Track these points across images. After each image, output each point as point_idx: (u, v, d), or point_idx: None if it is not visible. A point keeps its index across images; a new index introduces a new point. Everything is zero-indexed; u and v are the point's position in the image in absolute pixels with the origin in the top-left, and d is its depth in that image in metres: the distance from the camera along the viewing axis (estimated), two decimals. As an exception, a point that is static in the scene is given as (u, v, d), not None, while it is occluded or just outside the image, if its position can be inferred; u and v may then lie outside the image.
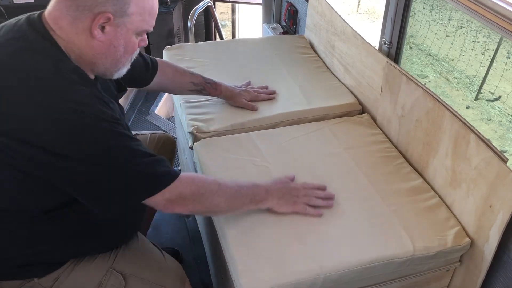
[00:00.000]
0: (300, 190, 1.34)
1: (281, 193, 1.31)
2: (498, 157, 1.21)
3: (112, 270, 1.28)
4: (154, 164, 1.12)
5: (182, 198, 1.16)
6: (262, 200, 1.28)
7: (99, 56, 1.11)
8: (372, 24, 6.90)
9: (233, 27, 4.35)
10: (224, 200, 1.23)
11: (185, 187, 1.16)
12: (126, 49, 1.14)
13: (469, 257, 1.35)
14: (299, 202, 1.32)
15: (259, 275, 1.18)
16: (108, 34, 1.08)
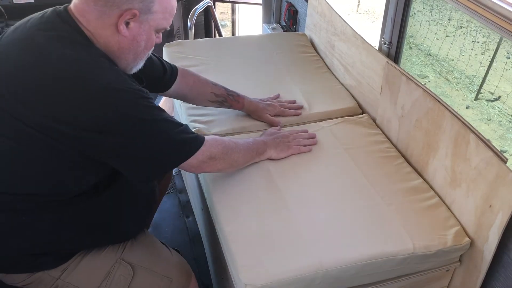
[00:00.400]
0: (289, 136, 1.55)
1: (276, 143, 1.51)
2: (498, 157, 1.21)
3: (121, 260, 1.30)
4: (185, 132, 1.22)
5: (212, 158, 1.28)
6: (263, 152, 1.47)
7: (122, 50, 1.17)
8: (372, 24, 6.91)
9: (233, 27, 4.34)
10: (242, 155, 1.39)
11: (214, 147, 1.28)
12: (146, 44, 1.20)
13: (469, 257, 1.35)
14: (292, 146, 1.53)
15: (259, 271, 1.18)
16: (132, 29, 1.15)
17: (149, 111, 1.14)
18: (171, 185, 2.40)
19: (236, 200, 1.40)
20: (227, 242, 1.27)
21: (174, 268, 1.39)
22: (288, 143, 1.52)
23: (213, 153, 1.28)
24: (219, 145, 1.30)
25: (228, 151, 1.34)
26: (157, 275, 1.34)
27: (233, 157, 1.36)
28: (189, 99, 1.71)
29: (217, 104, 1.70)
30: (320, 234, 1.29)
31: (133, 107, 1.10)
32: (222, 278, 1.53)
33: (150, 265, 1.34)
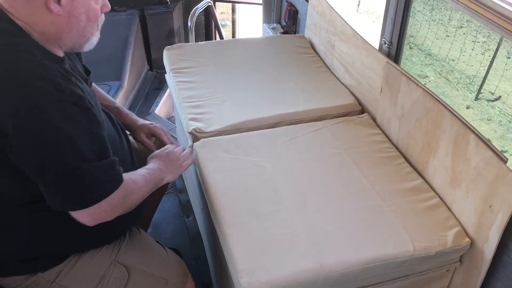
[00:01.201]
0: (175, 153, 1.43)
1: (170, 165, 1.38)
2: (498, 157, 1.21)
3: (116, 262, 1.29)
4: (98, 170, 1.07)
5: (112, 206, 1.13)
6: (162, 179, 1.34)
7: (62, 30, 1.09)
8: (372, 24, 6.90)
9: (233, 27, 4.34)
10: (140, 195, 1.23)
11: (116, 195, 1.12)
12: (88, 17, 1.11)
13: (469, 257, 1.35)
14: (181, 164, 1.42)
15: (259, 275, 1.18)
16: (65, 6, 1.06)
17: (67, 118, 1.02)
18: (171, 185, 2.40)
19: (236, 202, 1.40)
20: (228, 245, 1.27)
21: (170, 269, 1.38)
22: (178, 161, 1.41)
23: (113, 199, 1.12)
24: (121, 190, 1.13)
25: (128, 195, 1.17)
26: (153, 276, 1.33)
27: (132, 200, 1.19)
28: None
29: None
30: (320, 237, 1.29)
31: (48, 105, 1.00)
32: (222, 278, 1.53)
33: (145, 266, 1.33)
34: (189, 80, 1.96)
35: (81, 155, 1.05)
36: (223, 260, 1.32)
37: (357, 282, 1.29)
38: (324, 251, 1.25)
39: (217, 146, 1.61)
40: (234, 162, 1.54)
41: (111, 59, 3.14)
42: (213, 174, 1.49)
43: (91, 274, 1.27)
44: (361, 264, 1.24)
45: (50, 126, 1.01)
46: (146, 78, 3.46)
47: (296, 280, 1.19)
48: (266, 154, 1.58)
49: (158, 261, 1.37)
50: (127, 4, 3.33)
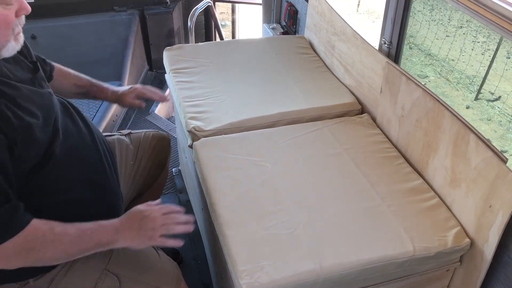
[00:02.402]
0: (156, 220, 1.20)
1: (135, 231, 1.18)
2: (498, 157, 1.21)
3: (107, 271, 1.28)
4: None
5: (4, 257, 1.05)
6: (111, 242, 1.17)
7: None
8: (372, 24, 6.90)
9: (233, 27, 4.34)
10: (61, 250, 1.11)
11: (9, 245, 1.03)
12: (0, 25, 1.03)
13: (469, 257, 1.35)
14: (155, 236, 1.19)
15: (259, 275, 1.18)
16: None
17: None
18: (171, 185, 2.40)
19: (236, 202, 1.40)
20: (228, 245, 1.27)
21: (162, 276, 1.36)
22: (152, 232, 1.19)
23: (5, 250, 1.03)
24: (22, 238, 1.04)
25: (35, 247, 1.06)
26: (145, 285, 1.31)
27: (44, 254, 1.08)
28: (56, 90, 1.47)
29: (81, 96, 1.62)
30: (320, 238, 1.29)
31: None
32: (222, 278, 1.53)
33: (136, 275, 1.31)
34: (189, 80, 1.96)
35: None
36: (223, 260, 1.32)
37: (357, 283, 1.29)
38: (324, 252, 1.25)
39: (217, 145, 1.61)
40: (234, 162, 1.54)
41: (111, 59, 3.14)
42: (213, 174, 1.49)
43: (83, 283, 1.25)
44: (361, 265, 1.24)
45: None
46: (146, 78, 3.46)
47: (296, 281, 1.19)
48: (266, 154, 1.58)
49: (150, 268, 1.35)
50: (127, 4, 3.33)
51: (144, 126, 2.97)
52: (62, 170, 1.17)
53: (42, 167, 1.13)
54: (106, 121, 2.71)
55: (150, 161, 1.67)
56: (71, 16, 3.18)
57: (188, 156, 1.88)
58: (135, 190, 1.64)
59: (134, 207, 1.24)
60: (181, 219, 1.24)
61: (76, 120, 1.31)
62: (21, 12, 1.07)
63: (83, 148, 1.27)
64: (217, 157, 1.55)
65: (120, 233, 1.17)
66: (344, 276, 1.23)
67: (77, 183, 1.23)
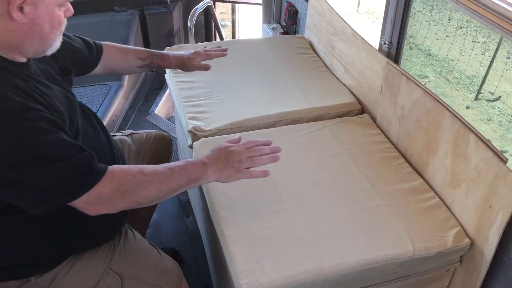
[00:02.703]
0: (242, 154, 1.24)
1: (222, 164, 1.21)
2: (498, 157, 1.21)
3: (109, 270, 1.28)
4: (69, 166, 1.05)
5: (103, 199, 1.09)
6: (201, 177, 1.20)
7: (24, 37, 1.07)
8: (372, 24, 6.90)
9: (233, 27, 4.34)
10: (154, 189, 1.14)
11: (104, 186, 1.09)
12: (52, 24, 1.09)
13: (469, 257, 1.35)
14: (242, 169, 1.23)
15: (259, 275, 1.18)
16: (28, 14, 1.04)
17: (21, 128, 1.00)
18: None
19: (236, 202, 1.40)
20: (228, 246, 1.27)
21: (164, 275, 1.36)
22: (238, 165, 1.22)
23: (102, 193, 1.09)
24: (114, 181, 1.10)
25: (129, 188, 1.12)
26: (146, 284, 1.32)
27: (139, 194, 1.13)
28: (117, 70, 1.66)
29: (145, 68, 1.67)
30: (320, 238, 1.29)
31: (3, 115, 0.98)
32: (222, 278, 1.53)
33: (138, 274, 1.32)
34: (189, 80, 1.96)
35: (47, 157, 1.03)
36: (223, 260, 1.32)
37: (357, 283, 1.29)
38: (324, 252, 1.25)
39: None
40: (234, 162, 1.54)
41: (111, 59, 3.14)
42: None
43: (85, 281, 1.26)
44: (361, 265, 1.24)
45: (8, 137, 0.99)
46: (146, 78, 3.46)
47: (296, 281, 1.19)
48: (266, 154, 1.58)
49: (153, 267, 1.36)
50: (127, 4, 3.33)
51: (144, 126, 2.97)
52: None
53: None
54: (106, 121, 2.71)
55: (152, 161, 1.68)
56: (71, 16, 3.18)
57: (188, 156, 1.88)
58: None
59: (218, 143, 1.27)
60: (266, 151, 1.27)
61: (94, 123, 1.36)
62: (67, 14, 1.13)
63: (100, 149, 1.30)
64: (217, 157, 1.55)
65: (208, 166, 1.20)
66: (344, 276, 1.23)
67: None
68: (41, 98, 1.08)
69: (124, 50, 1.64)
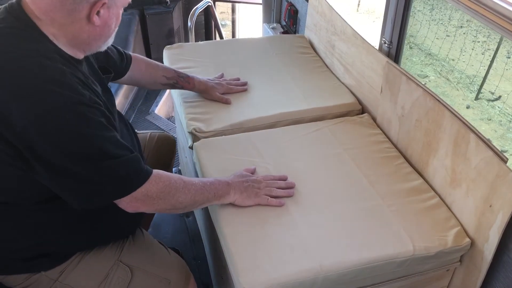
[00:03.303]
0: (261, 182, 1.37)
1: (243, 187, 1.33)
2: (498, 157, 1.21)
3: (119, 262, 1.30)
4: (124, 164, 1.11)
5: (148, 197, 1.16)
6: (225, 195, 1.30)
7: (94, 37, 1.14)
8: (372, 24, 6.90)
9: (233, 27, 4.34)
10: (190, 196, 1.23)
11: (152, 185, 1.16)
12: (116, 24, 1.18)
13: (469, 257, 1.35)
14: (261, 194, 1.34)
15: (259, 275, 1.18)
16: (103, 17, 1.11)
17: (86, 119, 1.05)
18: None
19: (236, 201, 1.39)
20: (227, 244, 1.27)
21: (173, 270, 1.38)
22: (258, 190, 1.34)
23: (150, 192, 1.16)
24: (161, 183, 1.18)
25: (171, 191, 1.20)
26: (156, 276, 1.33)
27: (177, 198, 1.21)
28: (143, 83, 1.73)
29: (169, 87, 1.76)
30: (320, 237, 1.29)
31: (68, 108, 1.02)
32: (222, 278, 1.53)
33: (148, 267, 1.34)
34: (189, 80, 1.95)
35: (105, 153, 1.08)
36: (223, 260, 1.32)
37: (357, 282, 1.29)
38: (323, 251, 1.25)
39: (217, 146, 1.61)
40: (234, 163, 1.54)
41: (111, 59, 3.14)
42: (213, 175, 1.49)
43: (94, 273, 1.27)
44: (361, 264, 1.24)
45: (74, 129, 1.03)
46: (146, 78, 3.46)
47: (296, 280, 1.19)
48: (266, 154, 1.58)
49: (161, 261, 1.38)
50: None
51: (144, 126, 2.97)
52: None
53: None
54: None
55: (155, 161, 1.68)
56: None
57: (188, 157, 1.88)
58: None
59: (239, 171, 1.40)
60: (281, 185, 1.39)
61: (126, 123, 1.42)
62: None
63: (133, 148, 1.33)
64: (218, 158, 1.55)
65: (231, 187, 1.31)
66: (343, 276, 1.23)
67: None
68: (96, 94, 1.12)
69: (153, 66, 1.69)
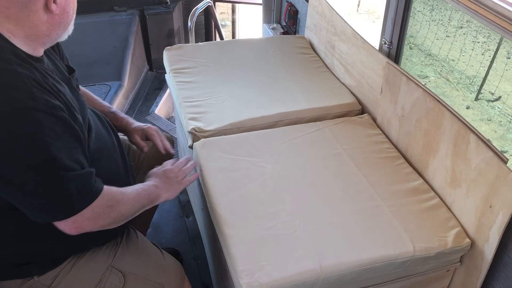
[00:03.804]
0: (174, 169, 1.40)
1: (167, 183, 1.35)
2: (498, 157, 1.21)
3: (112, 268, 1.29)
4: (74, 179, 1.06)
5: (94, 214, 1.12)
6: (157, 197, 1.31)
7: (54, 27, 1.10)
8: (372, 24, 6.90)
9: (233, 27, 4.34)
10: (130, 207, 1.21)
11: (98, 201, 1.12)
12: (74, 9, 1.14)
13: (469, 257, 1.35)
14: (180, 180, 1.39)
15: (259, 275, 1.18)
16: (60, 4, 1.08)
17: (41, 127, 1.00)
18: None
19: (236, 202, 1.40)
20: (228, 245, 1.27)
21: (166, 274, 1.37)
22: (177, 179, 1.38)
23: (96, 207, 1.11)
24: (104, 197, 1.14)
25: (114, 205, 1.17)
26: (149, 282, 1.32)
27: (119, 211, 1.18)
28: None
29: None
30: (320, 238, 1.29)
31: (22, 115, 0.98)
32: (222, 278, 1.53)
33: (141, 272, 1.33)
34: (189, 80, 1.96)
35: (57, 165, 1.03)
36: (223, 260, 1.32)
37: (357, 283, 1.28)
38: (324, 252, 1.25)
39: (217, 146, 1.61)
40: (234, 163, 1.54)
41: (111, 59, 3.14)
42: (213, 174, 1.49)
43: (87, 279, 1.26)
44: (361, 265, 1.23)
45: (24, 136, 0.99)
46: (146, 78, 3.46)
47: (296, 281, 1.19)
48: (266, 154, 1.58)
49: (155, 265, 1.37)
50: (127, 4, 3.33)
51: (144, 126, 2.97)
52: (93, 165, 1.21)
53: None
54: (106, 121, 2.71)
55: (154, 161, 1.68)
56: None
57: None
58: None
59: (150, 171, 1.40)
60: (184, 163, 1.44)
61: (104, 123, 1.38)
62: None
63: (110, 149, 1.33)
64: (217, 158, 1.55)
65: (159, 187, 1.32)
66: (344, 276, 1.23)
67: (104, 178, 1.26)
68: (57, 95, 1.08)
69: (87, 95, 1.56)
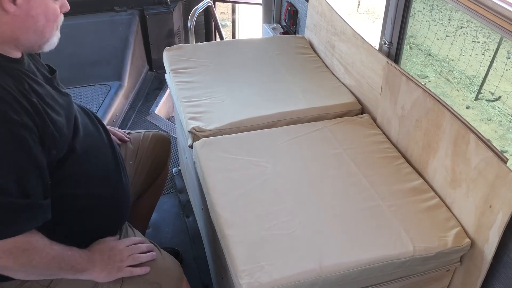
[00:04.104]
0: (123, 252, 1.29)
1: (105, 263, 1.24)
2: (498, 157, 1.21)
3: None
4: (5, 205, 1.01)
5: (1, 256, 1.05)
6: (84, 271, 1.21)
7: (19, 30, 1.07)
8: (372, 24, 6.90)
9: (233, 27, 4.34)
10: (45, 262, 1.12)
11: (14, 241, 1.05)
12: (47, 17, 1.09)
13: (469, 257, 1.35)
14: (123, 268, 1.27)
15: (259, 275, 1.18)
16: (21, 6, 1.04)
17: None
18: (171, 185, 2.40)
19: (236, 202, 1.40)
20: (228, 246, 1.27)
21: (164, 274, 1.36)
22: (120, 264, 1.26)
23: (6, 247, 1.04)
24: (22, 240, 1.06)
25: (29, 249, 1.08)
26: (146, 282, 1.32)
27: (30, 260, 1.09)
28: None
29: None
30: (320, 238, 1.29)
31: None
32: (222, 278, 1.53)
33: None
34: (189, 80, 1.96)
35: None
36: (223, 260, 1.32)
37: (357, 283, 1.28)
38: (324, 252, 1.25)
39: (217, 146, 1.61)
40: (234, 162, 1.54)
41: (111, 59, 3.14)
42: (213, 174, 1.49)
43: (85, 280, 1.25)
44: (361, 265, 1.23)
45: None
46: (146, 78, 3.46)
47: (296, 281, 1.19)
48: (266, 154, 1.58)
49: (152, 265, 1.35)
50: (127, 4, 3.33)
51: (144, 126, 2.97)
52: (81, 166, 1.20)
53: (64, 162, 1.17)
54: (106, 121, 2.71)
55: (150, 161, 1.68)
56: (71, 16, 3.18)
57: (188, 156, 1.88)
58: (134, 191, 1.64)
59: (101, 239, 1.28)
60: (143, 249, 1.32)
61: (94, 121, 1.36)
62: (63, 9, 1.14)
63: (100, 146, 1.32)
64: (217, 157, 1.55)
65: (91, 262, 1.22)
66: (344, 276, 1.23)
67: (94, 178, 1.26)
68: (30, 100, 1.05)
69: None
